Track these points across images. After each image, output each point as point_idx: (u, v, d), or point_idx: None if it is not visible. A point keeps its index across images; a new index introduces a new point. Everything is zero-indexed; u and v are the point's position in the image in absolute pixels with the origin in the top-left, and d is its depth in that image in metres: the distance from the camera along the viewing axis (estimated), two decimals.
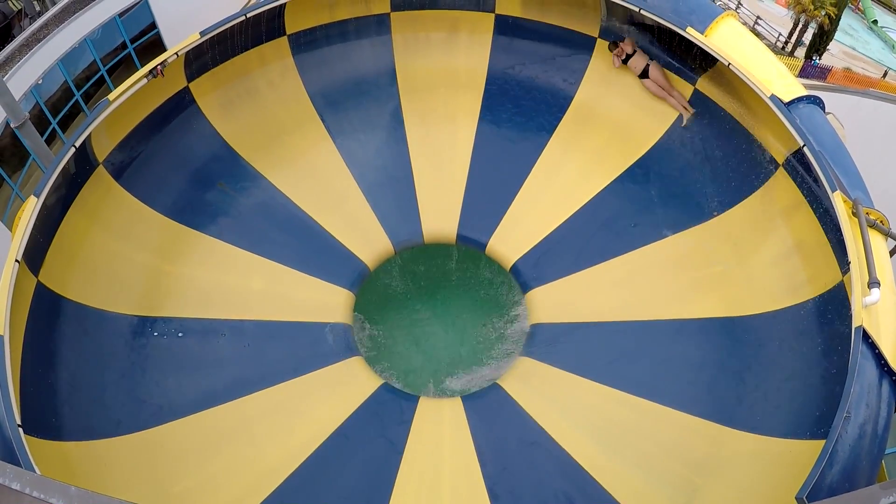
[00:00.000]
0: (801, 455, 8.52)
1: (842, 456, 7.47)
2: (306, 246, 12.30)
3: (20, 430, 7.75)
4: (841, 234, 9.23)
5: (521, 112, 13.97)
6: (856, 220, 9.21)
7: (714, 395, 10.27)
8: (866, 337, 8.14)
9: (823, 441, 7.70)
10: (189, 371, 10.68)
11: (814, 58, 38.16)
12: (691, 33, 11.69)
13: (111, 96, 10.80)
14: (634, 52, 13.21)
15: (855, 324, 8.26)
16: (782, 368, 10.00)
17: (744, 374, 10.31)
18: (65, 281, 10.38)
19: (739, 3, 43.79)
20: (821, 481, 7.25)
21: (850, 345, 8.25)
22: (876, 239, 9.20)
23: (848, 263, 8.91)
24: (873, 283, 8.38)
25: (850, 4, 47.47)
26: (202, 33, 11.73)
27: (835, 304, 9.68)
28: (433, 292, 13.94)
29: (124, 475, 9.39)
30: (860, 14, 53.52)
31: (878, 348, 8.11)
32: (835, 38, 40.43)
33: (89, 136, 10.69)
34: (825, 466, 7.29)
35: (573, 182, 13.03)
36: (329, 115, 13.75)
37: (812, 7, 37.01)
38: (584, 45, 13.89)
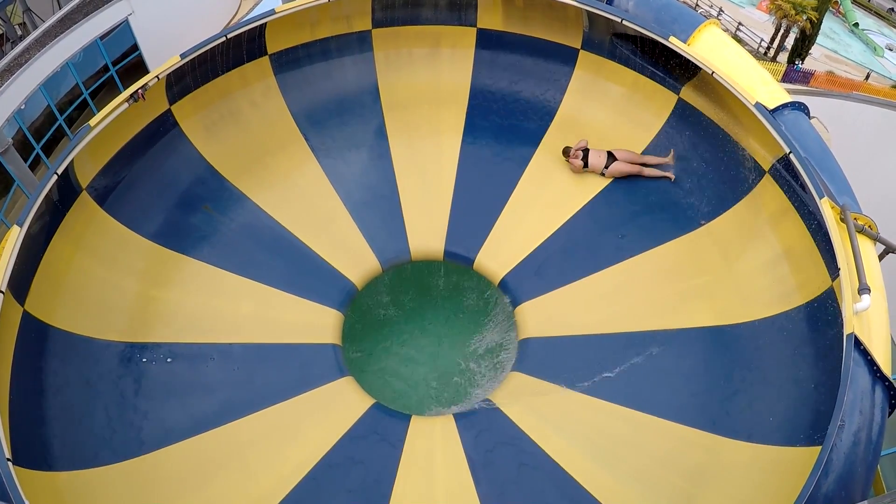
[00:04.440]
0: (796, 462, 8.50)
1: (837, 464, 7.44)
2: (293, 267, 12.20)
3: (10, 463, 7.66)
4: (829, 240, 9.24)
5: (505, 126, 13.95)
6: (844, 225, 9.22)
7: (707, 404, 10.23)
8: (858, 343, 8.12)
9: (818, 447, 7.69)
10: (179, 397, 10.55)
11: (796, 62, 38.39)
12: (674, 43, 11.71)
13: (92, 122, 10.72)
14: (587, 148, 13.03)
15: (846, 331, 8.23)
16: (774, 376, 9.99)
17: (736, 382, 10.28)
18: (51, 309, 10.28)
19: (721, 9, 44.01)
20: (816, 491, 7.23)
21: (841, 351, 8.23)
22: (865, 244, 9.21)
23: (837, 269, 8.90)
24: (863, 289, 8.37)
25: (831, 8, 47.76)
26: (182, 55, 11.66)
27: (825, 311, 9.68)
28: (422, 309, 13.85)
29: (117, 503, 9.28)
30: (841, 17, 53.88)
31: (869, 354, 8.10)
32: (817, 41, 40.70)
33: (72, 162, 10.59)
34: (821, 476, 7.27)
35: (560, 195, 13.01)
36: (313, 134, 13.68)
37: (793, 12, 37.23)
38: (566, 57, 13.89)
